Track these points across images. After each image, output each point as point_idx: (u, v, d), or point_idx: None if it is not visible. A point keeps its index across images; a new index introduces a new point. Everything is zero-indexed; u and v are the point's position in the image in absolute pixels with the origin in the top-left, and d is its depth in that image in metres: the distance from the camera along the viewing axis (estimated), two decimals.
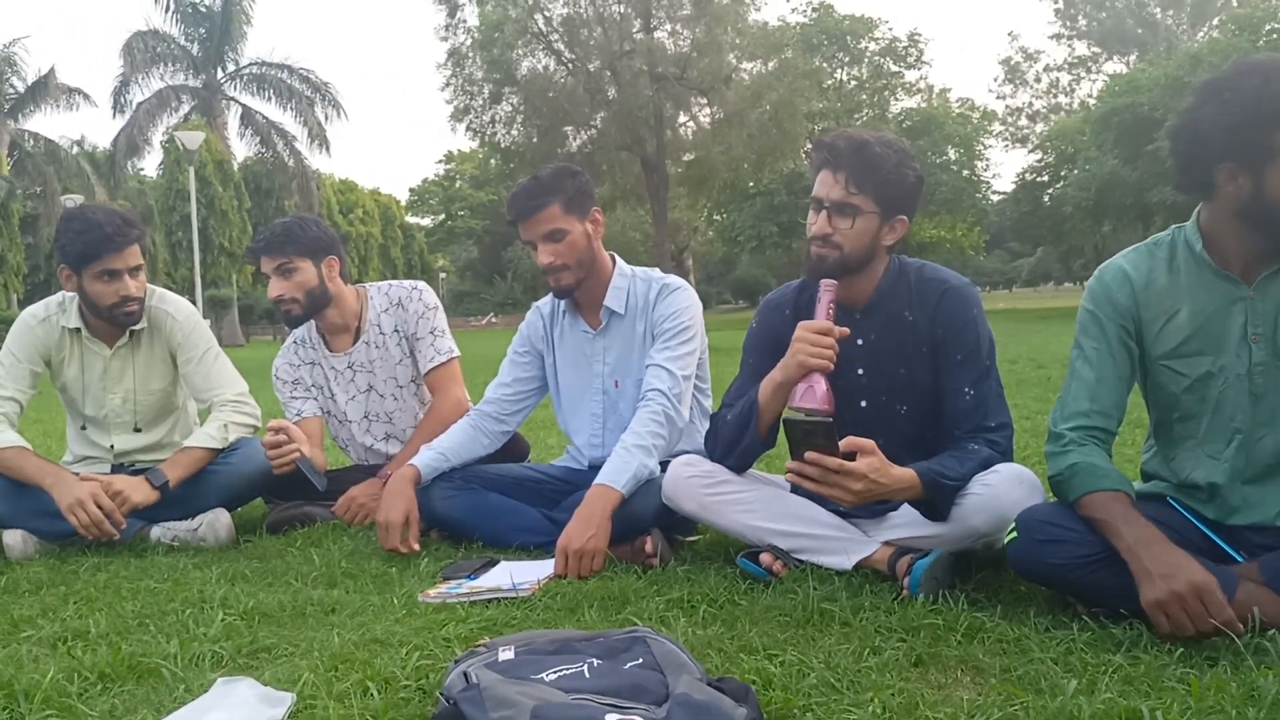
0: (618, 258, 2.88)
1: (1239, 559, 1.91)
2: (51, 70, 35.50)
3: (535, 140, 27.15)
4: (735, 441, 2.35)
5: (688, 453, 2.53)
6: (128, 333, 3.08)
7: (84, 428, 3.18)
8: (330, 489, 3.14)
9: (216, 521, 2.94)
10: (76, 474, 2.89)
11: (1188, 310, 1.96)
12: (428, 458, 2.79)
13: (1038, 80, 47.96)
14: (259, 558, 2.72)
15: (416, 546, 2.63)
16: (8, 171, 34.59)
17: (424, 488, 2.75)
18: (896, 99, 39.82)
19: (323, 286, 3.20)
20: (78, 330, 3.07)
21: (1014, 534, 1.95)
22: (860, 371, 2.34)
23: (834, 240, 2.21)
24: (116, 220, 2.93)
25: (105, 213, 2.96)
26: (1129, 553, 1.77)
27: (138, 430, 3.18)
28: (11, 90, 35.42)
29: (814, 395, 2.11)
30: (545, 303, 2.97)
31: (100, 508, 2.75)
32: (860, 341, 2.33)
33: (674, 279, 2.83)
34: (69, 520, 2.74)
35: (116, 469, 3.13)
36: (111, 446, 3.17)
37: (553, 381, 2.97)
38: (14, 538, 2.87)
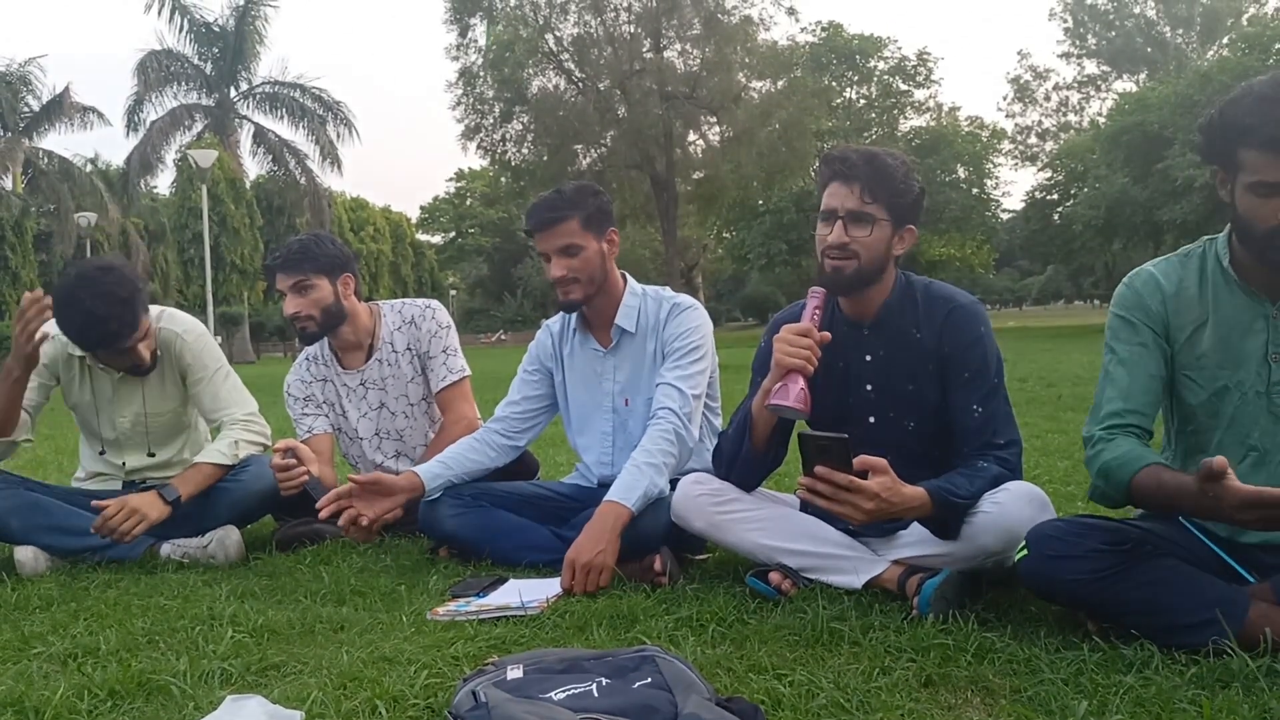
0: (629, 276, 2.89)
1: (1250, 579, 1.90)
2: (66, 89, 35.73)
3: (546, 158, 27.34)
4: (734, 454, 2.37)
5: (697, 471, 2.54)
6: None
7: (102, 451, 3.20)
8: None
9: (226, 538, 2.95)
10: (95, 497, 2.92)
11: (1212, 323, 1.95)
12: (427, 465, 2.81)
13: (1047, 99, 48.02)
14: (268, 575, 2.73)
15: (366, 527, 2.67)
16: (22, 189, 34.88)
17: (432, 503, 2.76)
18: (905, 117, 40.04)
19: (338, 304, 3.22)
20: (84, 357, 3.08)
21: (1025, 550, 1.95)
22: (869, 387, 2.34)
23: (851, 249, 2.22)
24: (115, 307, 2.78)
25: (103, 299, 2.76)
26: (1199, 509, 1.76)
27: (150, 455, 3.19)
28: (26, 109, 35.70)
29: (786, 393, 2.13)
30: (555, 321, 2.98)
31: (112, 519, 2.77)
32: (869, 358, 2.34)
33: (685, 298, 2.84)
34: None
35: (128, 485, 3.14)
36: (124, 464, 3.18)
37: (562, 399, 2.97)
38: (25, 554, 2.87)
